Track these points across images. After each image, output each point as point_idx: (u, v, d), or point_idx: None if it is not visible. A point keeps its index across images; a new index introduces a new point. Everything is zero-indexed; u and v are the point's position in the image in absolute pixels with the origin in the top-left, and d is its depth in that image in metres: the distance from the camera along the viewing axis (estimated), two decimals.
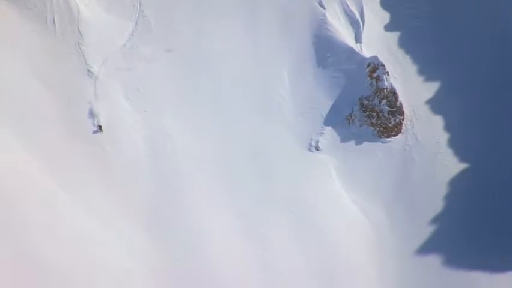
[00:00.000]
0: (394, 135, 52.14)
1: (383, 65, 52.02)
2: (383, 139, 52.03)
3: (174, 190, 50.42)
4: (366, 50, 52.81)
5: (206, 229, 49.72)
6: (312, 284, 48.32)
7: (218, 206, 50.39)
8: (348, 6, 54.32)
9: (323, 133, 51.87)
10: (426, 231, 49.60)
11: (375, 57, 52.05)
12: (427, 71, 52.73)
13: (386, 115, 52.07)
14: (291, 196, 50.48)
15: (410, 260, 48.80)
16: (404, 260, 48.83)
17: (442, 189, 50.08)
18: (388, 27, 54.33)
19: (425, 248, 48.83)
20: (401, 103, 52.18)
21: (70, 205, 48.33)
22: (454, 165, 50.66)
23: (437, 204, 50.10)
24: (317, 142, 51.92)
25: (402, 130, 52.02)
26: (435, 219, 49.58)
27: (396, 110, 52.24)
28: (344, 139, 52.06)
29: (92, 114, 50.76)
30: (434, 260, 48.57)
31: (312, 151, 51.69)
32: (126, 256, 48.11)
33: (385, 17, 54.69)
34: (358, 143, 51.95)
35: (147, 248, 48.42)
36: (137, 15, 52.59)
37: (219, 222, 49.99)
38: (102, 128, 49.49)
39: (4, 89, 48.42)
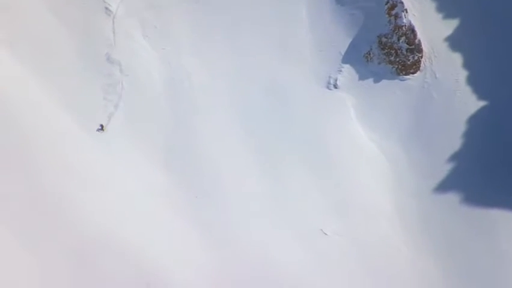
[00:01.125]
0: (412, 73, 51.47)
1: (401, 2, 51.09)
2: (401, 77, 51.38)
3: (191, 128, 50.57)
4: None
5: (223, 166, 49.91)
6: (330, 221, 47.84)
7: (235, 143, 50.41)
8: None
9: (341, 71, 51.22)
10: (444, 169, 49.23)
11: None
12: (446, 8, 51.67)
13: (405, 53, 51.33)
14: (309, 134, 49.97)
15: (428, 198, 48.74)
16: (423, 198, 48.76)
17: (461, 127, 49.56)
18: None
19: (443, 186, 48.61)
20: (419, 40, 51.32)
21: (88, 143, 48.42)
22: (472, 103, 49.99)
23: (455, 142, 49.60)
24: (335, 80, 51.37)
25: (421, 68, 51.30)
26: (454, 157, 49.26)
27: (415, 48, 51.45)
28: (362, 77, 51.44)
29: (110, 60, 50.01)
30: (452, 198, 48.32)
31: (330, 89, 51.19)
32: (146, 194, 48.36)
33: None
34: (376, 80, 51.30)
35: (165, 185, 48.73)
36: None
37: (236, 160, 50.13)
38: (104, 128, 49.16)
39: (20, 25, 47.74)
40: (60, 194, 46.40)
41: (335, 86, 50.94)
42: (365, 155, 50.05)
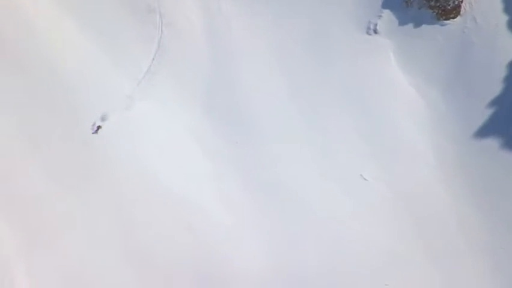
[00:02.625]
0: (453, 18, 50.63)
1: None
2: (441, 22, 50.59)
3: (231, 73, 50.63)
4: None
5: (263, 112, 49.97)
6: (369, 167, 48.69)
7: (275, 89, 50.34)
8: None
9: (381, 16, 50.62)
10: (484, 114, 48.82)
11: None
12: None
13: None
14: (348, 79, 49.77)
15: (467, 142, 48.43)
16: (462, 143, 48.57)
17: (501, 72, 48.95)
18: None
19: (483, 131, 48.23)
20: None
21: (126, 89, 50.10)
22: None
23: (495, 87, 49.10)
24: (375, 25, 50.77)
25: (461, 12, 50.44)
26: (493, 103, 48.79)
27: None
28: (402, 22, 50.73)
29: (150, 6, 50.62)
30: (491, 144, 48.03)
31: (370, 34, 50.65)
32: (187, 140, 49.14)
33: None
34: (416, 25, 50.60)
35: (205, 131, 49.24)
36: None
37: (276, 106, 50.15)
38: (99, 131, 48.33)
39: None
40: (105, 141, 47.01)
41: (375, 31, 50.39)
42: (404, 100, 49.86)
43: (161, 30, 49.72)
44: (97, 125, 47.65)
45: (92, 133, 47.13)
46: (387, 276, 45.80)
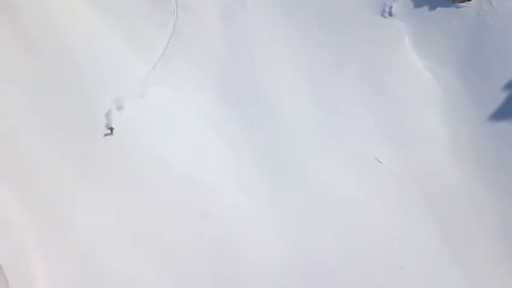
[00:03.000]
0: (468, 0, 50.47)
1: None
2: (456, 4, 50.51)
3: (246, 56, 50.76)
4: None
5: (278, 95, 50.10)
6: (384, 149, 49.03)
7: (289, 73, 50.46)
8: None
9: None
10: (500, 97, 48.73)
11: None
12: None
13: None
14: (363, 62, 50.13)
15: (481, 125, 48.44)
16: (477, 125, 48.50)
17: None
18: None
19: (499, 115, 48.23)
20: None
21: (141, 72, 50.24)
22: None
23: (510, 70, 48.82)
24: (390, 7, 50.72)
25: None
26: (508, 85, 48.67)
27: None
28: (417, 4, 50.80)
29: None
30: (505, 127, 48.03)
31: (385, 17, 50.62)
32: (201, 124, 49.24)
33: None
34: (431, 8, 50.51)
35: (220, 114, 49.43)
36: None
37: (291, 88, 50.38)
38: (113, 132, 47.59)
39: None
40: (119, 126, 47.49)
41: (390, 14, 50.32)
42: (419, 83, 49.99)
43: (177, 14, 49.95)
44: (110, 127, 47.51)
45: (105, 135, 46.99)
46: (401, 258, 45.77)
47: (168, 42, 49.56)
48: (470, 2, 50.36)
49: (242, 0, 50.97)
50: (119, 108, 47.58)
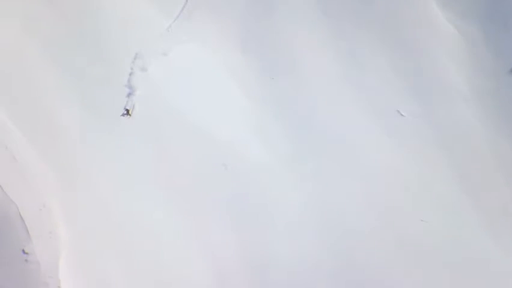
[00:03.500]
0: None
1: None
2: None
3: (267, 6, 50.59)
4: None
5: (299, 48, 49.90)
6: (406, 103, 48.89)
7: (311, 25, 50.61)
8: None
9: None
10: None
11: None
12: None
13: None
14: (384, 14, 50.81)
15: (505, 78, 48.58)
16: (500, 79, 48.72)
17: None
18: None
19: None
20: None
21: (163, 26, 49.69)
22: None
23: None
24: None
25: None
26: None
27: None
28: None
29: None
30: None
31: None
32: (223, 77, 48.96)
33: None
34: None
35: (242, 66, 49.00)
36: None
37: (312, 41, 50.25)
38: (130, 112, 46.00)
39: None
40: (140, 81, 47.37)
41: None
42: (442, 37, 49.97)
43: None
44: (126, 108, 46.14)
45: (122, 115, 45.76)
46: (422, 211, 45.61)
47: None
48: None
49: None
50: (143, 70, 47.44)
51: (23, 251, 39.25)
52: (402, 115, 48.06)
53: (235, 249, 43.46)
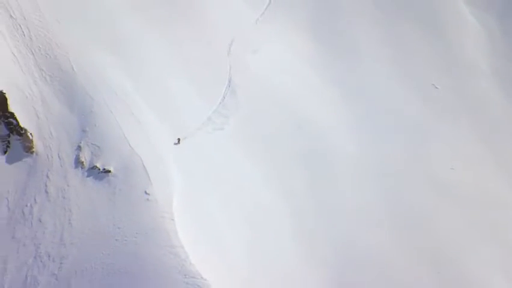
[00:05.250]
0: None
1: None
2: None
3: (332, 4, 56.44)
4: None
5: (358, 38, 56.05)
6: (440, 77, 54.32)
7: (365, 18, 57.18)
8: None
9: None
10: None
11: None
12: None
13: None
14: (421, 8, 57.56)
15: None
16: None
17: None
18: None
19: None
20: None
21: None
22: None
23: None
24: None
25: None
26: None
27: None
28: None
29: None
30: None
31: None
32: (300, 62, 53.57)
33: None
34: None
35: (313, 52, 54.38)
36: None
37: (366, 31, 56.29)
38: (180, 141, 46.41)
39: None
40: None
41: None
42: (466, 26, 56.97)
43: None
44: (178, 138, 46.32)
45: (174, 144, 45.89)
46: (452, 162, 49.33)
47: None
48: None
49: None
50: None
51: (145, 192, 40.99)
52: (436, 88, 53.87)
53: (307, 192, 45.81)
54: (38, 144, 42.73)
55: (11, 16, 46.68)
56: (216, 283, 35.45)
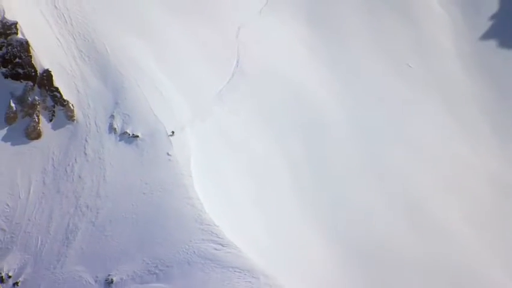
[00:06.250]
0: None
1: None
2: None
3: None
4: None
5: (345, 22, 52.51)
6: (414, 57, 51.34)
7: (353, 3, 53.64)
8: None
9: None
10: (489, 24, 53.36)
11: None
12: None
13: None
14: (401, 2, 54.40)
15: (478, 43, 52.21)
16: (474, 44, 52.29)
17: None
18: None
19: (492, 35, 52.53)
20: None
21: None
22: None
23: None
24: None
25: None
26: (494, 16, 50.99)
27: None
28: None
29: None
30: (494, 41, 52.52)
31: None
32: (295, 43, 50.82)
33: None
34: None
35: (306, 34, 51.30)
36: None
37: (352, 14, 53.05)
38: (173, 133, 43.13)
39: None
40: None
41: None
42: (435, 15, 53.58)
43: None
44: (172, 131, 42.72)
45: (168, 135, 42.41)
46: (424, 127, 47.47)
47: None
48: None
49: None
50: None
51: (168, 154, 39.79)
52: (410, 66, 51.04)
53: (303, 153, 44.10)
54: (78, 114, 41.93)
55: (55, 7, 45.33)
56: (227, 229, 34.51)
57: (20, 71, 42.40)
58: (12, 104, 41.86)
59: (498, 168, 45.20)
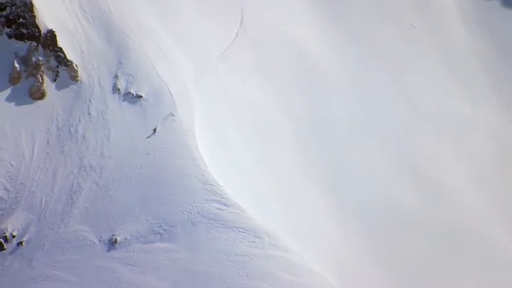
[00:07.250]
0: None
1: None
2: None
3: None
4: None
5: None
6: (417, 17, 42.28)
7: None
8: None
9: None
10: None
11: None
12: None
13: None
14: None
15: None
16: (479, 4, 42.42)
17: None
18: None
19: None
20: None
21: None
22: None
23: None
24: None
25: None
26: None
27: None
28: None
29: None
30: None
31: None
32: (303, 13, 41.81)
33: None
34: None
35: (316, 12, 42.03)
36: None
37: None
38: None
39: None
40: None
41: None
42: None
43: None
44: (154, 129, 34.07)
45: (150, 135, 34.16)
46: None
47: None
48: None
49: None
50: None
51: (172, 114, 33.08)
52: (414, 27, 41.90)
53: (306, 113, 36.78)
54: (82, 74, 34.41)
55: None
56: (230, 189, 27.97)
57: (24, 31, 35.49)
58: (16, 65, 34.74)
59: (499, 125, 38.06)
